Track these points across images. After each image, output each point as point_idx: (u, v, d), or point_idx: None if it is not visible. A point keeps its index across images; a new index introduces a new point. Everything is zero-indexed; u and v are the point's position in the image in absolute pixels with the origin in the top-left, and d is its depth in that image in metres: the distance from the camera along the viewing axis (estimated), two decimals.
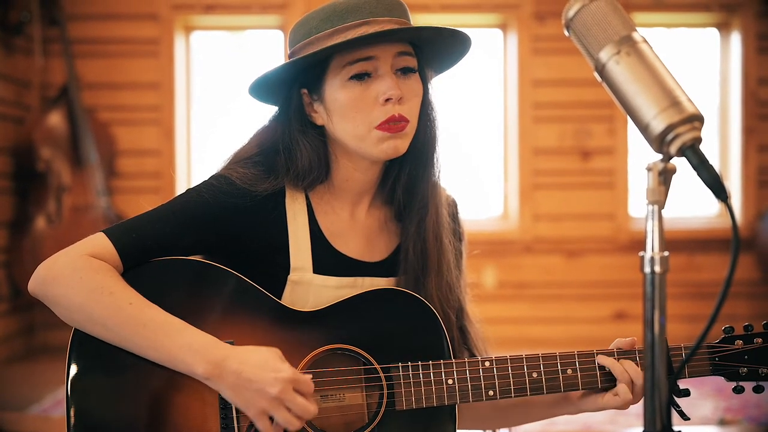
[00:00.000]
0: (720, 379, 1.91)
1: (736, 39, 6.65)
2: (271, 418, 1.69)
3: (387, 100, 1.81)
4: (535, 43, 6.51)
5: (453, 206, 2.07)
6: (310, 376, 1.72)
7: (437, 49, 1.92)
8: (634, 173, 6.57)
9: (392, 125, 1.82)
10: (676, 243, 6.32)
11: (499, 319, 6.17)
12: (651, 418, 1.26)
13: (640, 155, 6.60)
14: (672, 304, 1.18)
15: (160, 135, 6.45)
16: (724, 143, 6.76)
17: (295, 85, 1.89)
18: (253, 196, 1.87)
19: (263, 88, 1.92)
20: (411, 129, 1.87)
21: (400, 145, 1.85)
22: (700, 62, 6.84)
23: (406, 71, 1.86)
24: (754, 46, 6.58)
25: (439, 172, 1.97)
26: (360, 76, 1.82)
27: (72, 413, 1.74)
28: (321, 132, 1.92)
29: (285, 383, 1.66)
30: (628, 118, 1.32)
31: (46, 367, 5.43)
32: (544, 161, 6.55)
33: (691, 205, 6.70)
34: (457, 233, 2.07)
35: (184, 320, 1.75)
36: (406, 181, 1.95)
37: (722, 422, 4.17)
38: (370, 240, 1.99)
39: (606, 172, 6.55)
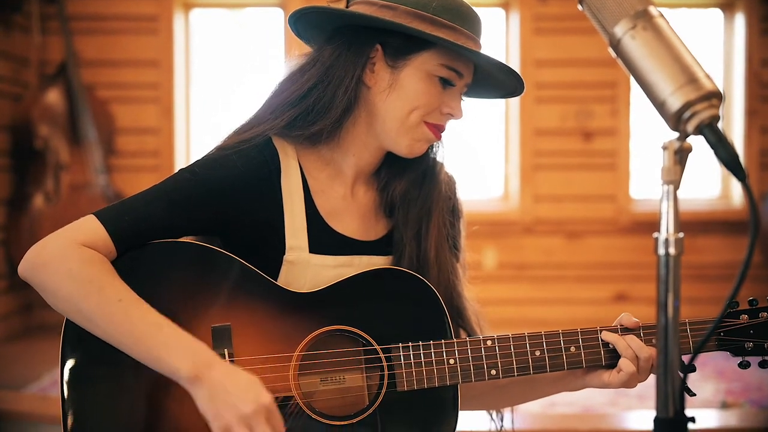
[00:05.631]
0: (721, 361, 1.89)
1: (740, 20, 6.61)
2: None
3: (449, 115, 1.88)
4: (537, 23, 6.47)
5: (452, 184, 2.05)
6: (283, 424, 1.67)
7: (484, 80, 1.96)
8: (636, 155, 6.55)
9: (438, 131, 1.89)
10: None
11: (500, 300, 6.15)
12: (663, 403, 1.23)
13: (643, 137, 6.57)
14: None
15: (159, 113, 6.42)
16: (726, 125, 6.73)
17: (375, 36, 1.86)
18: (244, 153, 1.84)
19: (334, 19, 1.87)
20: None
21: (426, 149, 1.93)
22: (703, 43, 6.80)
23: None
24: (758, 27, 6.54)
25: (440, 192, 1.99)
26: (446, 81, 1.86)
27: (67, 406, 1.71)
28: (359, 89, 1.88)
29: (261, 407, 1.60)
30: (643, 95, 1.29)
31: (44, 346, 5.42)
32: (546, 142, 6.52)
33: (693, 186, 6.68)
34: (456, 211, 2.05)
35: (181, 304, 1.73)
36: (402, 193, 1.96)
37: (724, 405, 4.16)
38: (365, 219, 1.96)
39: (608, 154, 6.52)
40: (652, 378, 1.85)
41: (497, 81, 1.94)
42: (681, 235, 1.23)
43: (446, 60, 1.84)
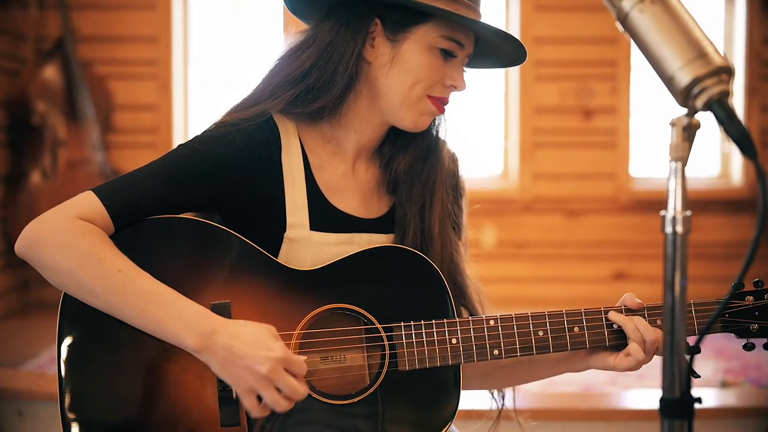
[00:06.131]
0: (720, 340, 1.88)
1: None
2: (260, 397, 1.65)
3: (452, 87, 1.87)
4: (537, 0, 6.42)
5: (455, 161, 2.04)
6: (305, 357, 1.68)
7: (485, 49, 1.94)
8: (636, 133, 6.51)
9: (441, 105, 1.87)
10: None
11: (498, 279, 6.13)
12: (670, 384, 1.21)
13: (643, 115, 6.54)
14: None
15: (157, 89, 6.37)
16: None
17: (373, 10, 1.84)
18: (244, 130, 1.81)
19: None
20: None
21: (430, 122, 1.91)
22: (704, 21, 6.75)
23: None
24: (759, 5, 6.49)
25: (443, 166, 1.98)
26: (447, 52, 1.84)
27: (64, 383, 1.71)
28: (360, 65, 1.86)
29: (275, 362, 1.61)
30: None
31: (42, 324, 5.40)
32: (545, 120, 6.48)
33: (693, 165, 6.64)
34: (458, 189, 2.04)
35: (180, 280, 1.71)
36: (406, 168, 1.94)
37: (724, 384, 4.15)
38: (366, 197, 1.95)
39: (608, 132, 6.48)
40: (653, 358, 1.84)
41: (499, 50, 1.92)
42: (689, 213, 1.21)
43: (447, 31, 1.82)
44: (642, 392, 4.01)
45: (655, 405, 1.24)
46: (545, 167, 6.49)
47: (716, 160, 6.67)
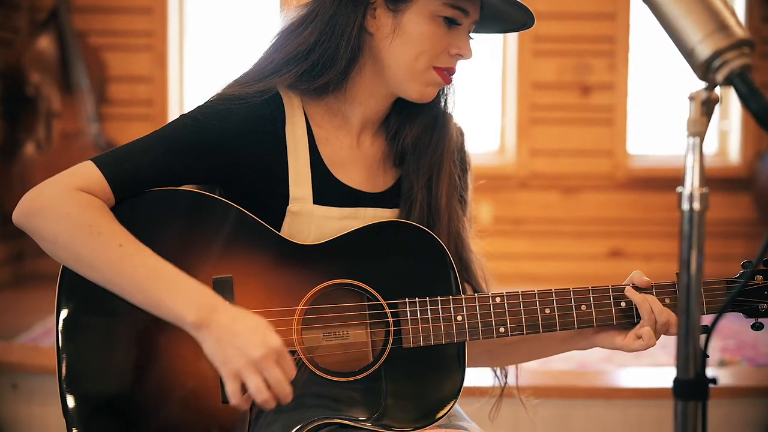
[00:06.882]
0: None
1: None
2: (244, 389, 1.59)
3: (458, 56, 1.82)
4: None
5: (460, 136, 2.00)
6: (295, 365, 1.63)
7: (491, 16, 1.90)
8: (633, 110, 6.49)
9: (447, 75, 1.83)
10: (673, 182, 6.26)
11: (494, 255, 6.06)
12: (684, 365, 1.19)
13: (640, 92, 6.51)
14: (671, 243, 1.12)
15: (152, 61, 6.32)
16: None
17: None
18: (248, 105, 1.77)
19: None
20: None
21: (436, 93, 1.86)
22: None
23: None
24: None
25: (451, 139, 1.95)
26: (451, 21, 1.78)
27: (62, 355, 1.68)
28: (362, 37, 1.82)
29: (270, 350, 1.56)
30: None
31: (36, 295, 5.38)
32: (543, 96, 6.45)
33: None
34: (464, 164, 2.01)
35: (181, 254, 1.69)
36: (414, 139, 1.90)
37: (722, 363, 4.15)
38: (371, 170, 1.91)
39: (605, 108, 6.45)
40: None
41: (506, 14, 1.88)
42: (706, 190, 1.19)
43: None
44: (638, 370, 4.00)
45: (652, 383, 1.22)
46: (542, 144, 6.46)
47: (713, 137, 6.65)
